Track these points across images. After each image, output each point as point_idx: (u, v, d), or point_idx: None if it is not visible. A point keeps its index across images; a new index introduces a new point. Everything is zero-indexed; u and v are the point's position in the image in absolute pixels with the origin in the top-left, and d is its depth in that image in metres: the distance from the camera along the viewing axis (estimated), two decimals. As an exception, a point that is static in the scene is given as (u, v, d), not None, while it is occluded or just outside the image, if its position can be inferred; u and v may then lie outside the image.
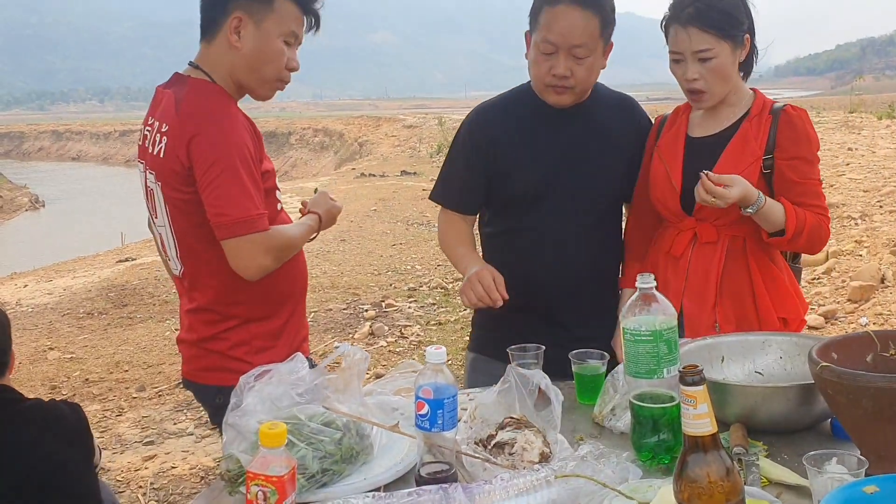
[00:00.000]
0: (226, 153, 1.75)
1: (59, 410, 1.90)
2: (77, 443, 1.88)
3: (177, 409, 4.44)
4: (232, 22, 1.80)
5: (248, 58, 1.83)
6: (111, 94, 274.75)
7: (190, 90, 1.83)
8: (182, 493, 3.45)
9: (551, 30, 1.94)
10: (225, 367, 1.90)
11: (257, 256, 1.77)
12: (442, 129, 29.46)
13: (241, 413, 1.48)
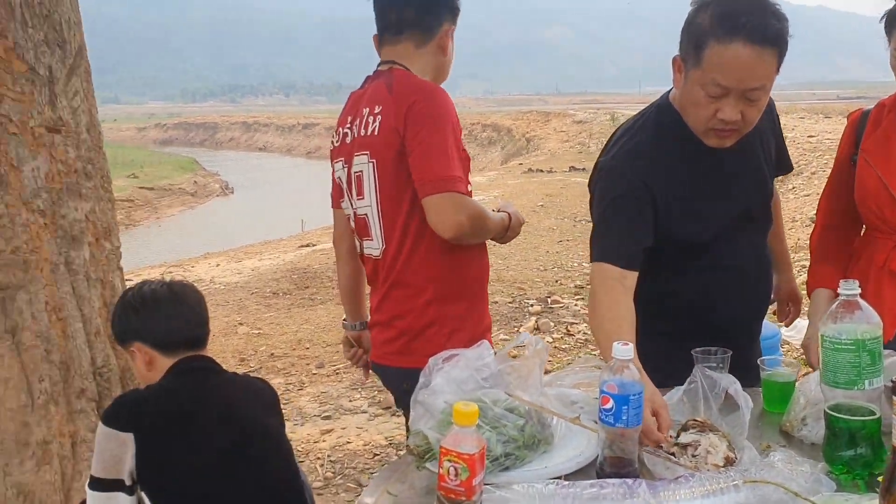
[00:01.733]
0: (439, 118, 1.89)
1: (254, 382, 2.06)
2: (273, 413, 2.02)
3: (352, 388, 4.67)
4: (444, 31, 2.06)
5: (449, 62, 2.10)
6: (296, 88, 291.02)
7: (400, 76, 1.99)
8: (356, 468, 3.63)
9: (723, 72, 1.63)
10: (414, 349, 1.99)
11: (455, 213, 1.85)
12: (613, 125, 28.91)
13: (430, 392, 1.55)
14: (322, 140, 58.86)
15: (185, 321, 1.94)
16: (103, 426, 1.80)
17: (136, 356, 1.95)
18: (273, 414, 2.02)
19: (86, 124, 2.73)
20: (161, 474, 1.81)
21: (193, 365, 1.92)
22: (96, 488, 1.79)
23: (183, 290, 1.98)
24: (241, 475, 1.84)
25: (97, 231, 2.78)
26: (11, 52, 2.46)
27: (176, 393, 1.87)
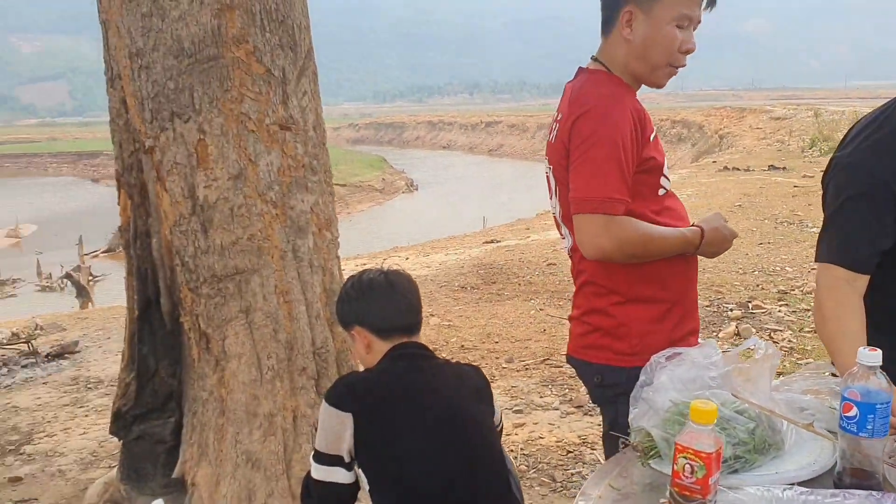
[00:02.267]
0: (598, 134, 1.81)
1: (464, 369, 2.12)
2: (481, 399, 2.07)
3: (542, 384, 4.69)
4: (623, 16, 1.87)
5: (639, 47, 1.87)
6: (480, 87, 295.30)
7: (585, 80, 1.94)
8: (549, 463, 3.65)
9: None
10: (605, 346, 1.97)
11: (595, 237, 1.81)
12: (817, 122, 26.97)
13: (654, 390, 1.53)
14: (504, 138, 59.33)
15: (399, 309, 2.02)
16: (326, 404, 1.92)
17: (356, 339, 2.05)
18: (481, 400, 2.06)
19: (312, 122, 2.92)
20: (375, 454, 1.90)
21: (407, 351, 2.00)
22: (318, 461, 1.92)
23: (399, 279, 2.06)
24: (449, 460, 1.90)
25: (320, 222, 2.97)
26: (252, 55, 2.69)
27: (390, 377, 1.96)
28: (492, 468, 1.97)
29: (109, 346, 6.28)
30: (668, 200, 1.99)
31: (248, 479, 2.71)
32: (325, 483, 1.92)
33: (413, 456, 1.88)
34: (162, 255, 2.89)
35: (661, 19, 1.82)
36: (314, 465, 1.94)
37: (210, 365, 2.80)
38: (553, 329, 5.83)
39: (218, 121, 2.68)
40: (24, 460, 4.08)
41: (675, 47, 1.84)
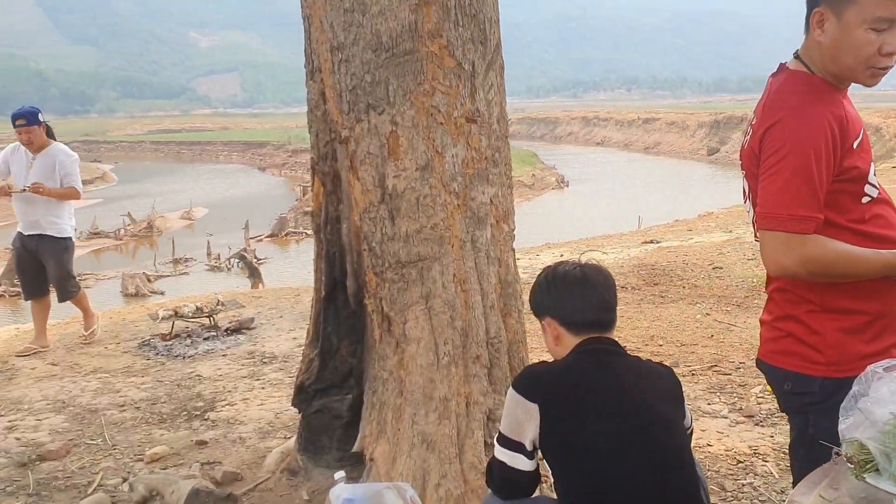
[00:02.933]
0: (788, 147, 1.75)
1: (656, 368, 2.09)
2: (670, 400, 2.04)
3: (710, 391, 4.55)
4: (815, 16, 1.81)
5: (830, 50, 1.81)
6: (638, 83, 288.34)
7: (783, 82, 1.88)
8: (718, 472, 3.53)
9: None
10: (797, 352, 1.90)
11: (776, 254, 1.79)
12: None
13: (872, 401, 1.46)
14: (661, 135, 57.70)
15: (591, 304, 2.02)
16: (513, 391, 1.96)
17: (546, 330, 2.08)
18: (669, 400, 2.02)
19: (497, 115, 2.98)
20: (560, 446, 1.92)
21: (597, 346, 2.00)
22: (502, 443, 1.97)
23: (594, 274, 2.05)
24: (635, 459, 1.88)
25: (498, 213, 3.02)
26: (445, 49, 2.77)
27: (578, 371, 1.97)
28: (681, 469, 1.94)
29: (281, 324, 6.65)
30: (877, 207, 1.88)
31: (423, 460, 2.80)
32: (508, 467, 1.96)
33: (599, 451, 1.89)
34: (350, 240, 3.03)
35: (853, 23, 1.75)
36: (497, 448, 1.99)
37: (391, 346, 2.91)
38: (721, 335, 5.63)
39: (410, 113, 2.78)
40: (208, 426, 4.40)
41: (867, 51, 1.76)
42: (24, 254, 5.99)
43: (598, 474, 1.89)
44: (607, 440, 1.89)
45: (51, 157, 5.84)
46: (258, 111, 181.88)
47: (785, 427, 4.01)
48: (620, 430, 1.90)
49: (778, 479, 3.44)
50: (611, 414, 1.92)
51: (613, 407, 1.93)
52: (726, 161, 40.99)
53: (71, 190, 5.87)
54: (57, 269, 5.93)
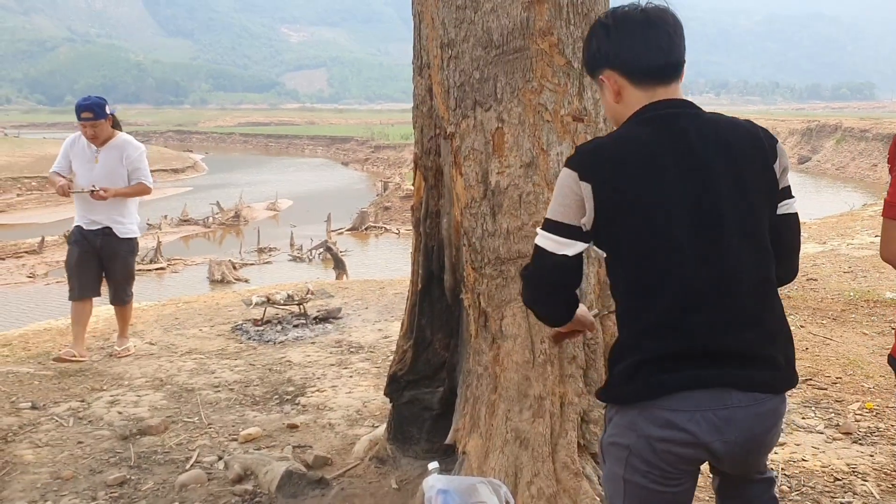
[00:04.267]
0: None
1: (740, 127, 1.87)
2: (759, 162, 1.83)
3: (804, 405, 4.41)
4: None
5: None
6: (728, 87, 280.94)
7: None
8: (814, 488, 3.43)
9: None
10: None
11: (887, 242, 1.86)
12: None
13: None
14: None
15: (658, 47, 1.77)
16: (566, 169, 1.77)
17: (605, 86, 1.83)
18: (756, 163, 1.78)
19: (603, 115, 2.95)
20: (618, 227, 1.74)
21: (663, 112, 1.77)
22: (548, 229, 1.79)
23: (660, 13, 1.79)
24: (698, 249, 1.71)
25: (600, 214, 2.99)
26: (555, 47, 2.77)
27: (640, 143, 1.75)
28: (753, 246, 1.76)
29: (367, 315, 6.77)
30: None
31: (516, 456, 2.81)
32: (549, 254, 1.78)
33: (659, 237, 1.71)
34: (450, 234, 3.06)
35: None
36: (541, 234, 1.81)
37: (487, 342, 2.93)
38: (816, 348, 5.45)
39: (517, 110, 2.79)
40: (298, 410, 4.52)
41: None
42: (87, 249, 5.38)
43: (655, 265, 1.72)
44: (670, 215, 1.71)
45: (117, 151, 5.34)
46: (343, 107, 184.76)
47: (886, 447, 3.86)
48: (689, 203, 1.72)
49: (879, 501, 3.32)
50: (677, 186, 1.72)
51: (680, 179, 1.72)
52: (817, 171, 39.67)
53: (140, 186, 5.39)
54: (122, 271, 5.49)
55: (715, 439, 1.72)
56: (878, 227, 8.44)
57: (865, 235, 11.29)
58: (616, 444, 1.81)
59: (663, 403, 1.72)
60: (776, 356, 1.80)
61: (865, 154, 38.34)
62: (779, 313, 1.83)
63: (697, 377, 1.72)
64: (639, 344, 1.76)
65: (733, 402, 1.72)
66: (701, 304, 1.72)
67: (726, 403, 1.72)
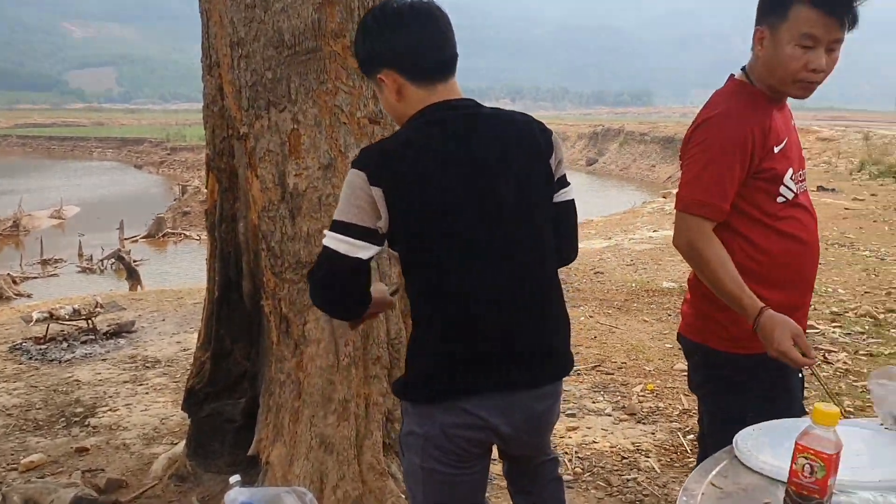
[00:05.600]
0: (707, 143, 1.96)
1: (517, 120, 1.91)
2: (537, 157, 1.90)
3: (594, 390, 4.72)
4: (756, 34, 2.01)
5: (767, 65, 1.99)
6: (522, 93, 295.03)
7: (724, 88, 2.09)
8: (604, 468, 3.67)
9: None
10: (707, 328, 2.08)
11: (678, 232, 1.99)
12: (867, 145, 26.53)
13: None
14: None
15: (434, 42, 1.77)
16: (354, 171, 1.72)
17: (384, 85, 1.78)
18: (534, 158, 1.84)
19: (399, 117, 2.99)
20: (408, 237, 1.75)
21: (447, 114, 1.77)
22: (340, 230, 1.72)
23: (428, 7, 1.77)
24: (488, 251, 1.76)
25: (399, 215, 3.03)
26: (348, 49, 2.76)
27: (425, 146, 1.75)
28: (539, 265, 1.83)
29: (164, 327, 6.43)
30: (793, 210, 2.05)
31: (321, 462, 2.78)
32: (342, 256, 1.71)
33: (448, 233, 1.74)
34: (248, 238, 2.97)
35: (784, 40, 1.93)
36: (331, 236, 1.73)
37: (289, 348, 2.88)
38: (603, 336, 5.85)
39: (312, 111, 2.76)
40: (89, 432, 4.20)
41: (795, 66, 1.93)
42: None
43: (448, 266, 1.75)
44: (460, 226, 1.74)
45: None
46: (135, 107, 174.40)
47: (665, 424, 4.22)
48: (476, 220, 1.75)
49: (659, 474, 3.61)
50: (463, 197, 1.75)
51: (467, 188, 1.75)
52: (603, 172, 42.53)
53: None
54: None
55: (502, 422, 1.81)
56: (656, 223, 9.21)
57: (645, 231, 12.24)
58: (413, 433, 1.85)
59: (459, 398, 1.78)
60: (558, 345, 1.90)
61: (645, 156, 41.56)
62: (560, 302, 1.93)
63: (491, 376, 1.79)
64: (434, 343, 1.80)
65: (519, 389, 1.83)
66: (492, 301, 1.78)
67: (513, 391, 1.82)
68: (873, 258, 9.05)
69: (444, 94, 1.79)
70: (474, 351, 1.78)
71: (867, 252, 9.43)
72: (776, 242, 2.01)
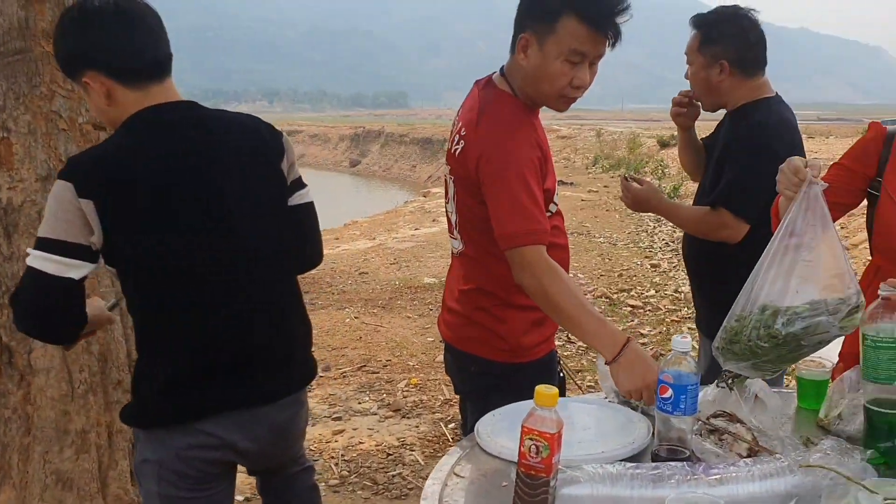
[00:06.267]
0: (505, 171, 1.84)
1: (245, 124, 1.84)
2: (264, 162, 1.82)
3: (360, 390, 4.75)
4: (520, 41, 1.89)
5: (531, 76, 1.90)
6: (280, 95, 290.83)
7: (492, 102, 1.95)
8: (370, 467, 3.71)
9: None
10: (485, 340, 2.03)
11: (522, 272, 1.84)
12: (599, 141, 29.20)
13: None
14: (305, 147, 59.02)
15: (144, 42, 1.65)
16: (60, 183, 1.58)
17: (91, 90, 1.65)
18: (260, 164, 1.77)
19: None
20: (125, 245, 1.62)
21: (163, 117, 1.66)
22: (46, 248, 1.60)
23: (133, 6, 1.65)
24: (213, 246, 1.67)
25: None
26: (64, 50, 2.53)
27: (136, 154, 1.63)
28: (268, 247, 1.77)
29: None
30: (555, 219, 2.06)
31: (60, 500, 2.53)
32: (51, 277, 1.57)
33: (170, 247, 1.64)
34: (-45, 262, 2.63)
35: (552, 53, 1.84)
36: (37, 255, 1.59)
37: (14, 381, 2.59)
38: (369, 336, 5.91)
39: (25, 118, 2.50)
40: None
41: (562, 82, 1.87)
42: None
43: (171, 281, 1.64)
44: (177, 232, 1.64)
45: None
46: None
47: (428, 416, 4.34)
48: (192, 220, 1.66)
49: (424, 466, 3.70)
50: (185, 204, 1.65)
51: (188, 195, 1.65)
52: (367, 173, 43.07)
53: None
54: None
55: (240, 437, 1.75)
56: (418, 221, 9.38)
57: (408, 229, 12.54)
58: (147, 461, 1.74)
59: (192, 419, 1.71)
60: (298, 355, 1.87)
61: (406, 156, 42.60)
62: (298, 308, 1.89)
63: (224, 397, 1.72)
64: (162, 363, 1.70)
65: (257, 404, 1.77)
66: (222, 314, 1.70)
67: (251, 406, 1.76)
68: (607, 244, 9.97)
69: (159, 97, 1.67)
70: (205, 368, 1.70)
71: (602, 238, 10.36)
72: (549, 254, 1.98)
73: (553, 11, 1.82)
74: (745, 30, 2.50)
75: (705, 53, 2.51)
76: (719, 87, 2.53)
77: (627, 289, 7.35)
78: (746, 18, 2.51)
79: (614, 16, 1.82)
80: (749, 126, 2.48)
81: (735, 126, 2.54)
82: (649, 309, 6.62)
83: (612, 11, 1.81)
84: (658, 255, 9.25)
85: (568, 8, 1.80)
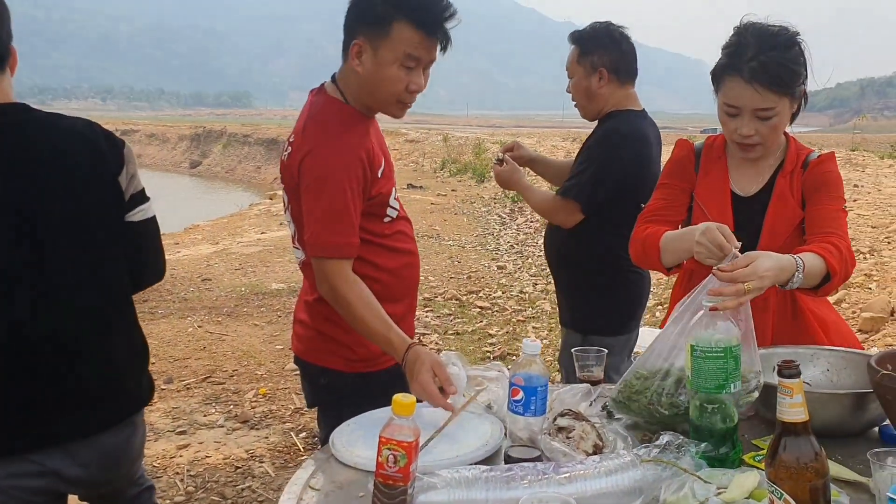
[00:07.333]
0: (323, 178, 1.84)
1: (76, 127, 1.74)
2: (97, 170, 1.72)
3: (206, 402, 4.56)
4: (353, 48, 1.88)
5: (367, 82, 1.90)
6: (114, 93, 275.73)
7: (321, 109, 1.95)
8: (218, 481, 3.56)
9: None
10: (333, 351, 2.01)
11: (321, 281, 1.89)
12: (446, 146, 29.65)
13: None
14: (142, 147, 56.34)
15: None
16: None
17: None
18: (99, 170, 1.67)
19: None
20: None
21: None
22: None
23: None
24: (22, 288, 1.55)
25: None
26: None
27: None
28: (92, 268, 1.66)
29: None
30: (398, 224, 2.07)
31: None
32: None
33: None
34: None
35: (386, 59, 1.85)
36: None
37: None
38: (214, 346, 5.69)
39: None
40: None
41: (398, 87, 1.89)
42: None
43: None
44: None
45: None
46: None
47: (278, 426, 4.23)
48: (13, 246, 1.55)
49: (274, 478, 3.61)
50: None
51: (5, 207, 1.55)
52: (209, 174, 41.59)
53: None
54: None
55: (66, 465, 1.64)
56: (264, 224, 9.14)
57: (253, 233, 12.21)
58: None
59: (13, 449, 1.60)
60: (125, 383, 1.77)
61: (250, 157, 41.44)
62: (130, 331, 1.79)
63: (50, 423, 1.62)
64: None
65: (82, 434, 1.67)
66: (39, 341, 1.59)
67: (77, 437, 1.66)
68: (456, 246, 10.14)
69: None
70: (24, 399, 1.58)
71: (451, 241, 10.53)
72: (392, 259, 2.02)
73: (386, 18, 1.84)
74: (618, 41, 2.74)
75: (584, 64, 2.74)
76: (599, 93, 2.73)
77: (476, 290, 7.51)
78: (618, 31, 2.76)
79: (444, 21, 1.87)
80: (605, 130, 2.73)
81: (597, 129, 2.79)
82: (497, 310, 6.80)
83: (442, 17, 1.87)
84: (504, 256, 9.52)
85: (400, 14, 1.83)
